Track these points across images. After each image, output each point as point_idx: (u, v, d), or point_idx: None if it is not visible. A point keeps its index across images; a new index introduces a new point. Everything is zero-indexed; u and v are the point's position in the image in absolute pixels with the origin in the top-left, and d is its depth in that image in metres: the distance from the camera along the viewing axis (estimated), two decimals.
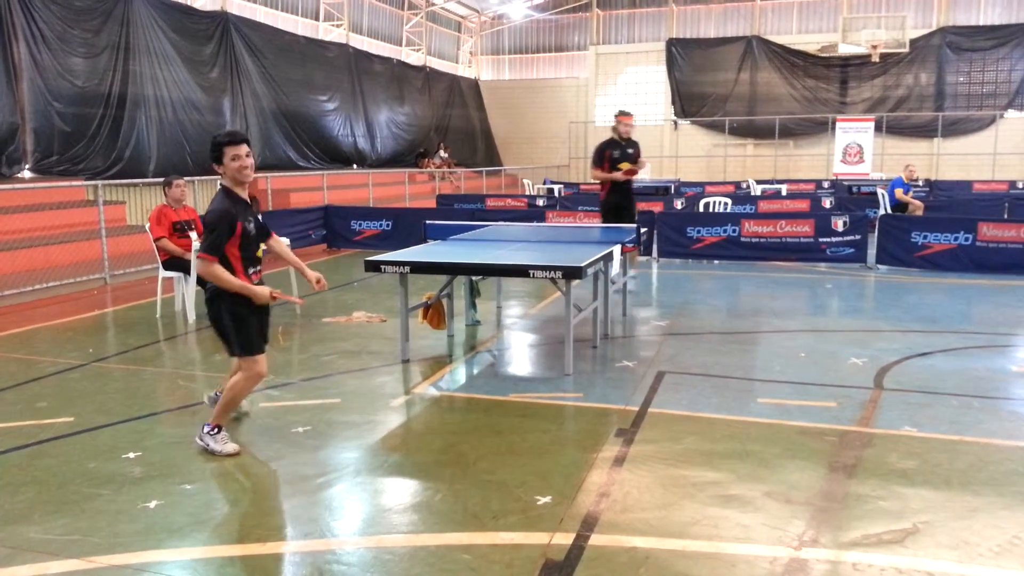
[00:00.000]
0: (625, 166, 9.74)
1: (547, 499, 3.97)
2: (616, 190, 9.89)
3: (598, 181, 10.11)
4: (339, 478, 4.35)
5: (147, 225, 8.57)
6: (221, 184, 4.58)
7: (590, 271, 6.32)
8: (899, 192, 13.47)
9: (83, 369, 6.56)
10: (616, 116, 9.95)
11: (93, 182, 11.97)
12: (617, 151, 9.76)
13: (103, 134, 14.63)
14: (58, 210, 11.71)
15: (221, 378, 5.63)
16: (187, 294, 8.34)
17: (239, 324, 4.54)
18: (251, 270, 4.62)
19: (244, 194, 4.57)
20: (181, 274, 8.43)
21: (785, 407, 5.42)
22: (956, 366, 6.50)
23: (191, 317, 8.28)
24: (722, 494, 4.04)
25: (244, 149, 4.45)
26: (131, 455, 4.62)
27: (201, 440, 4.64)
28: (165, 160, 15.74)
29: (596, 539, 3.57)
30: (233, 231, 4.44)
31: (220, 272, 4.42)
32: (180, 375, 6.47)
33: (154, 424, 5.22)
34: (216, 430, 4.62)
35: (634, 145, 9.89)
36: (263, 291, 4.54)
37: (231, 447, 4.60)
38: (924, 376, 6.16)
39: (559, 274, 5.99)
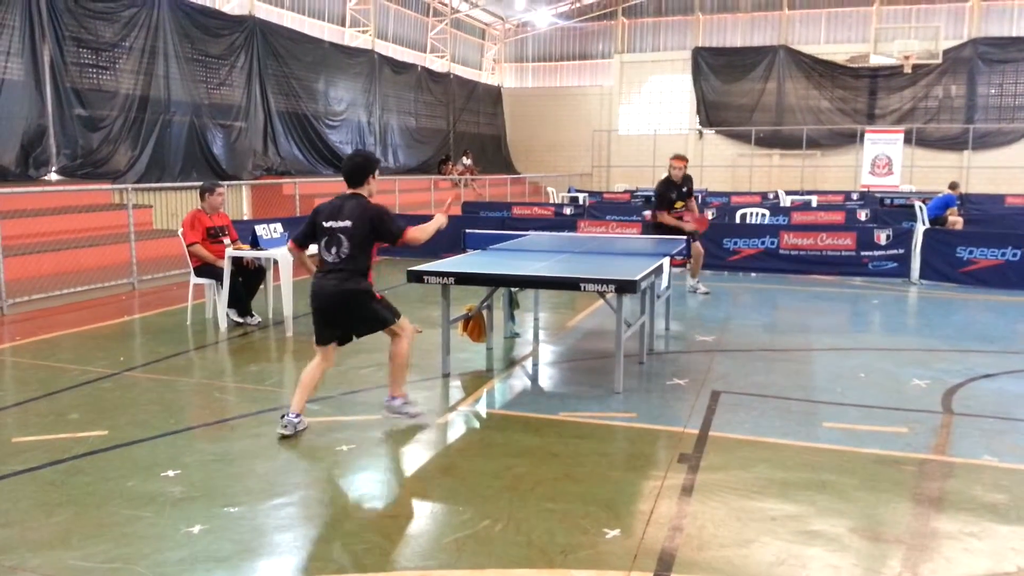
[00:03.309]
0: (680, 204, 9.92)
1: (616, 532, 3.71)
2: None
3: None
4: (392, 503, 4.11)
5: (180, 230, 8.36)
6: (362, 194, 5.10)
7: (643, 284, 6.06)
8: (952, 211, 13.20)
9: (114, 379, 6.35)
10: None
11: (123, 185, 11.81)
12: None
13: (128, 137, 14.47)
14: (84, 213, 11.55)
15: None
16: (219, 302, 8.12)
17: (386, 301, 5.20)
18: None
19: None
20: (213, 281, 8.19)
21: (855, 432, 5.12)
22: None
23: (223, 325, 8.06)
24: (804, 530, 3.76)
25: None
26: (171, 473, 4.40)
27: (399, 412, 5.24)
28: (188, 164, 15.60)
29: None
30: None
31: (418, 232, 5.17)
32: (215, 386, 6.25)
33: (192, 439, 5.00)
34: (405, 400, 5.29)
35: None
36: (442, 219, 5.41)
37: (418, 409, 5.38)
38: (994, 400, 5.85)
39: (611, 288, 5.73)
